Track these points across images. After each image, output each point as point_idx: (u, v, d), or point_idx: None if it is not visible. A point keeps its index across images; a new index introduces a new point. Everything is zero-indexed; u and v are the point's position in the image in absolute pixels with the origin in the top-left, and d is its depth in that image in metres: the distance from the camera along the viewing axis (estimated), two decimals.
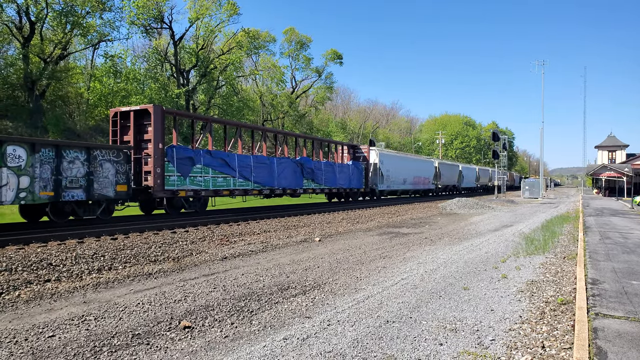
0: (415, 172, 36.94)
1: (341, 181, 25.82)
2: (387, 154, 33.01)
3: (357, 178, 27.86)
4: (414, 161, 38.36)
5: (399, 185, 33.85)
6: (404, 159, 35.78)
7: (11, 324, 5.02)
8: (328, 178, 24.45)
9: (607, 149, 68.23)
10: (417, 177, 37.66)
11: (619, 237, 12.15)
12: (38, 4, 29.84)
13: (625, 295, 5.96)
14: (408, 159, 37.17)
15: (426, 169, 40.20)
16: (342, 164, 26.54)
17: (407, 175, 35.06)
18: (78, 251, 9.20)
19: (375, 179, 29.93)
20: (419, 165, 38.69)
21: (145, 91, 37.65)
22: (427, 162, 41.43)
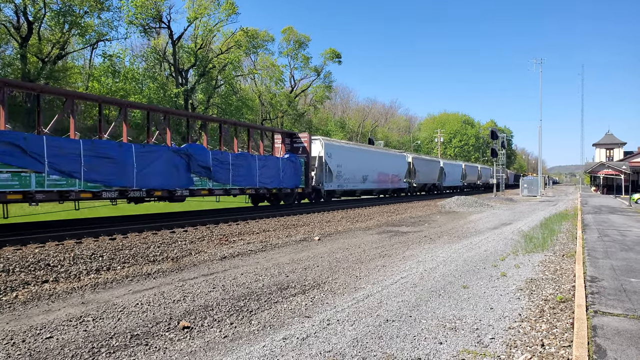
0: (380, 168, 30.70)
1: (265, 179, 19.11)
2: (337, 145, 26.58)
3: (291, 175, 20.95)
4: (377, 155, 31.26)
5: (356, 184, 27.65)
6: (362, 152, 29.38)
7: (9, 325, 5.00)
8: (241, 175, 17.72)
9: (605, 146, 68.34)
10: (384, 174, 31.29)
11: (617, 235, 12.15)
12: (36, 4, 29.76)
13: (624, 292, 5.95)
14: (369, 152, 30.35)
15: (396, 164, 33.86)
16: (267, 157, 19.82)
17: (368, 171, 28.73)
18: (76, 252, 9.18)
19: (321, 176, 23.65)
20: (385, 161, 32.24)
21: (144, 91, 37.58)
22: (397, 157, 34.93)
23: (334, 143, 26.61)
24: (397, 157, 35.06)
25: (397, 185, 34.18)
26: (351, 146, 29.74)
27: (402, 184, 35.07)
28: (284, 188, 20.79)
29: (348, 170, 26.23)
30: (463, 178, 53.32)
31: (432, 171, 41.98)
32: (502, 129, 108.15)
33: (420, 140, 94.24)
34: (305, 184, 22.36)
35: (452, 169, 48.76)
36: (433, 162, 43.55)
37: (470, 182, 58.03)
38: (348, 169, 26.20)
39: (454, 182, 48.98)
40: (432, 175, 42.17)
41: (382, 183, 31.27)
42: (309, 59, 57.03)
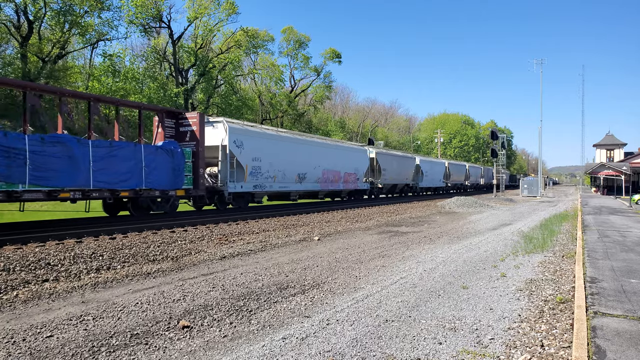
0: (327, 164, 24.10)
1: (107, 176, 13.00)
2: (252, 131, 19.26)
3: (165, 171, 14.82)
4: (322, 148, 24.41)
5: (287, 184, 21.23)
6: (296, 143, 22.19)
7: (9, 324, 5.01)
8: (51, 170, 11.63)
9: (606, 147, 68.36)
10: (332, 171, 24.70)
11: (617, 236, 12.16)
12: (36, 3, 29.76)
13: (624, 293, 5.96)
14: (307, 144, 23.26)
15: (353, 161, 27.34)
16: (114, 144, 13.43)
17: (306, 168, 22.37)
18: (76, 251, 9.18)
19: (225, 174, 17.34)
20: (335, 155, 25.13)
21: (144, 90, 37.57)
22: (354, 152, 28.21)
23: (248, 128, 19.36)
24: (353, 152, 28.05)
25: (355, 185, 27.66)
26: (276, 134, 21.53)
27: (361, 185, 28.70)
28: (150, 190, 14.41)
29: (272, 166, 19.77)
30: (446, 178, 47.44)
31: (404, 169, 36.05)
32: (502, 129, 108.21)
33: (420, 141, 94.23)
34: (194, 184, 15.84)
35: (432, 167, 43.03)
36: (405, 158, 37.36)
37: (456, 183, 52.04)
38: (272, 165, 19.76)
39: (434, 182, 43.17)
40: (405, 174, 36.45)
41: (330, 183, 24.65)
42: (309, 59, 57.02)
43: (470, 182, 56.43)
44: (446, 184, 47.22)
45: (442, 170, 45.74)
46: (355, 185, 28.06)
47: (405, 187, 37.96)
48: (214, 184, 17.66)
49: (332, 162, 24.92)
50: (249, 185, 18.81)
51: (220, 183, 17.51)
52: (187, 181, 15.70)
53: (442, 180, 45.57)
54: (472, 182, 57.81)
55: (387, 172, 32.69)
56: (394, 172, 33.82)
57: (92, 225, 13.22)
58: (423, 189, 41.74)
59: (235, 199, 18.70)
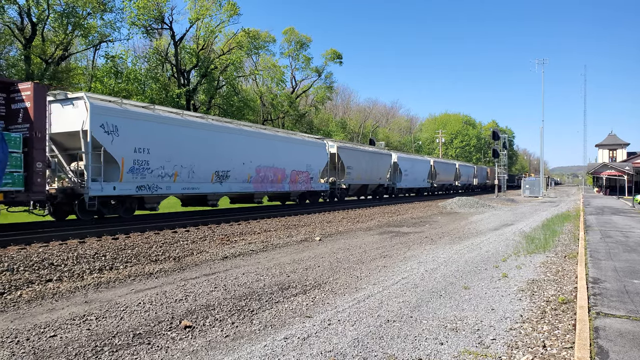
0: (263, 159, 19.22)
1: None
2: (132, 111, 14.27)
3: None
4: (254, 138, 19.09)
5: (196, 184, 16.08)
6: (212, 131, 16.98)
7: (13, 323, 5.03)
8: None
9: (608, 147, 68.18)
10: (272, 169, 19.78)
11: (620, 236, 12.13)
12: (39, 5, 29.87)
13: (627, 294, 5.95)
14: (230, 133, 17.83)
15: (302, 156, 22.21)
16: None
17: (226, 164, 17.34)
18: (79, 251, 9.22)
19: (93, 169, 12.79)
20: (276, 149, 20.34)
21: (146, 91, 37.67)
22: (304, 145, 22.87)
23: (128, 108, 14.15)
24: (305, 145, 23.06)
25: (307, 186, 22.71)
26: (178, 117, 15.75)
27: (318, 185, 23.87)
28: None
29: (170, 161, 14.81)
30: (432, 177, 42.97)
31: (376, 167, 30.95)
32: (504, 129, 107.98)
33: (422, 141, 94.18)
34: (26, 184, 11.12)
35: (413, 166, 38.27)
36: (378, 155, 31.92)
37: (444, 183, 47.13)
38: (171, 158, 14.81)
39: (416, 182, 38.82)
40: (378, 173, 31.29)
41: (268, 184, 19.55)
42: (310, 60, 57.06)
43: (460, 182, 51.75)
44: (431, 185, 42.92)
45: (426, 169, 41.17)
46: (308, 185, 22.92)
47: (378, 188, 32.50)
48: (80, 184, 12.90)
49: (272, 158, 19.95)
50: (129, 186, 13.68)
51: (78, 181, 12.97)
52: (12, 180, 10.82)
53: (427, 180, 41.33)
54: (463, 183, 53.17)
55: (354, 171, 27.54)
56: (362, 170, 28.61)
57: (95, 225, 13.26)
58: (402, 189, 36.97)
59: (106, 205, 13.86)
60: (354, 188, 29.00)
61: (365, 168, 29.13)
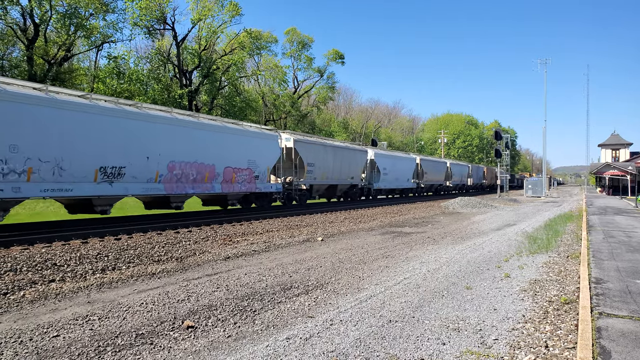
0: (180, 152, 15.37)
1: None
2: None
3: None
4: (164, 123, 15.03)
5: (66, 184, 12.02)
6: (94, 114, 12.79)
7: (16, 323, 5.06)
8: None
9: (611, 147, 68.00)
10: (194, 165, 15.92)
11: (623, 236, 12.10)
12: (42, 6, 29.99)
13: (630, 294, 5.94)
14: (125, 117, 13.68)
15: (244, 150, 18.28)
16: None
17: (119, 158, 13.43)
18: (82, 251, 9.24)
19: None
20: (203, 140, 16.43)
21: (149, 92, 37.76)
22: (246, 137, 18.56)
23: None
24: (247, 137, 18.58)
25: (250, 187, 18.58)
26: (34, 93, 11.54)
27: (265, 186, 19.62)
28: None
29: (19, 152, 11.00)
30: (418, 177, 38.85)
31: (347, 165, 26.66)
32: (506, 129, 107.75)
33: (424, 141, 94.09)
34: None
35: (395, 165, 33.52)
36: (349, 151, 27.30)
37: (432, 183, 42.83)
38: (20, 149, 11.01)
39: (399, 182, 34.60)
40: (349, 172, 27.04)
41: (188, 184, 15.60)
42: (312, 60, 57.13)
43: (452, 182, 47.20)
44: (417, 185, 38.99)
45: (410, 168, 36.97)
46: (252, 186, 18.69)
47: (351, 189, 28.48)
48: None
49: (194, 151, 15.67)
50: None
51: None
52: None
53: (412, 180, 37.38)
54: (455, 183, 48.48)
55: (317, 169, 23.37)
56: (328, 168, 24.56)
57: (97, 226, 13.29)
58: (382, 190, 32.85)
59: None
60: (318, 189, 24.84)
61: (332, 166, 24.94)
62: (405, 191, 37.66)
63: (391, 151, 39.20)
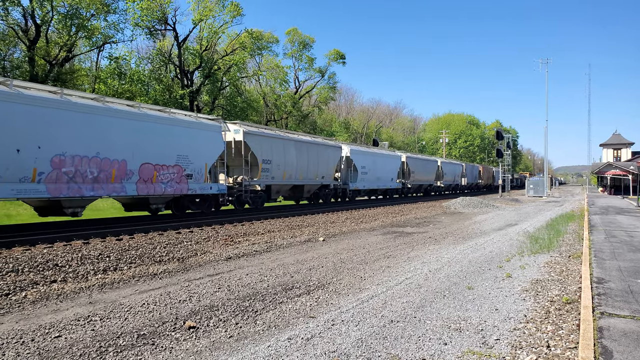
0: (74, 143, 12.06)
1: None
2: None
3: None
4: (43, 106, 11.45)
5: None
6: None
7: (18, 324, 5.07)
8: None
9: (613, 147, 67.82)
10: (95, 160, 12.63)
11: (624, 236, 12.07)
12: (43, 7, 30.04)
13: (631, 294, 5.92)
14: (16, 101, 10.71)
15: (171, 141, 15.24)
16: None
17: None
18: (84, 252, 9.26)
19: None
20: (100, 126, 12.84)
21: (150, 92, 37.81)
22: (174, 126, 15.41)
23: None
24: (175, 127, 15.44)
25: (181, 187, 15.53)
26: None
27: (204, 187, 16.50)
28: None
29: None
30: (404, 177, 35.60)
31: (315, 163, 23.33)
32: (508, 129, 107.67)
33: (425, 141, 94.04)
34: None
35: (375, 162, 29.90)
36: (317, 146, 23.82)
37: (421, 183, 39.60)
38: None
39: (380, 182, 30.86)
40: (317, 171, 23.54)
41: (87, 185, 12.42)
42: (313, 60, 57.10)
43: (444, 182, 44.35)
44: (403, 185, 35.45)
45: (394, 167, 33.15)
46: (182, 187, 15.53)
47: (321, 189, 24.93)
48: None
49: (96, 143, 12.70)
50: None
51: None
52: None
53: (396, 179, 33.64)
54: (447, 183, 45.57)
55: (275, 167, 20.13)
56: (290, 166, 21.29)
57: (99, 226, 13.32)
58: (360, 191, 29.43)
59: None
60: (279, 190, 21.47)
61: (295, 164, 21.68)
62: (389, 192, 33.62)
63: (371, 148, 34.22)
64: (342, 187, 27.13)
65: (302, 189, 23.19)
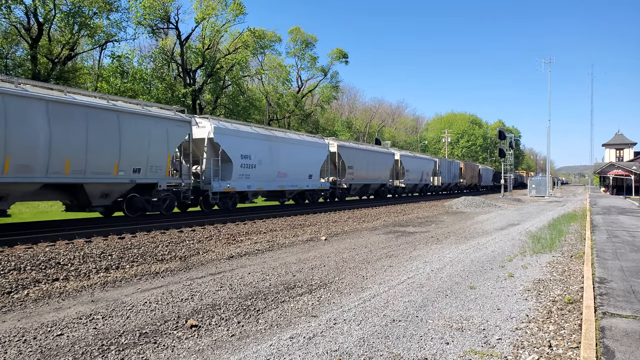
0: None
1: None
2: None
3: None
4: None
5: None
6: None
7: (20, 322, 5.08)
8: None
9: (615, 147, 67.60)
10: None
11: (627, 236, 12.04)
12: (46, 5, 30.07)
13: (633, 294, 5.91)
14: None
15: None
16: None
17: None
18: (86, 250, 9.28)
19: None
20: None
21: (152, 91, 37.84)
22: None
23: None
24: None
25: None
26: None
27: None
28: None
29: None
30: (337, 174, 25.94)
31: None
32: (510, 129, 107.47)
33: (428, 141, 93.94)
34: None
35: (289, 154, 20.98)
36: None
37: (369, 182, 29.48)
38: None
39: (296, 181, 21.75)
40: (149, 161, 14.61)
41: None
42: (316, 59, 57.05)
43: (405, 181, 34.22)
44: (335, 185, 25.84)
45: (318, 162, 23.68)
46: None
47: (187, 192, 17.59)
48: None
49: None
50: None
51: None
52: None
53: (324, 179, 24.84)
54: (410, 182, 35.45)
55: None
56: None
57: (101, 225, 13.34)
58: (249, 193, 19.53)
59: None
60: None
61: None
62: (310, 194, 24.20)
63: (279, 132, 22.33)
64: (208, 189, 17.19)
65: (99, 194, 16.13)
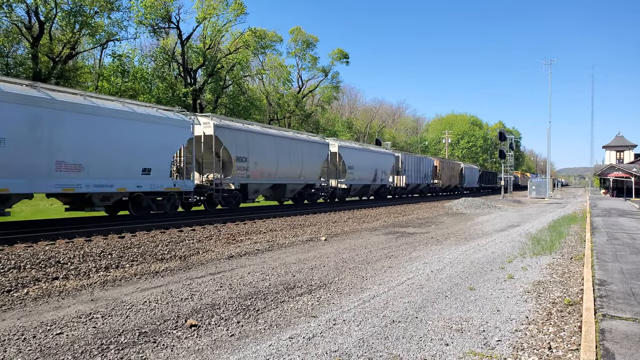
0: None
1: None
2: None
3: None
4: None
5: None
6: None
7: (19, 321, 5.08)
8: None
9: (615, 149, 67.64)
10: None
11: (627, 238, 12.03)
12: (47, 4, 30.10)
13: (633, 296, 5.90)
14: None
15: None
16: None
17: None
18: (86, 249, 9.28)
19: None
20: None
21: (153, 90, 37.86)
22: None
23: None
24: None
25: None
26: None
27: None
28: None
29: None
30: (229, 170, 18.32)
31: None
32: (511, 130, 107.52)
33: (428, 141, 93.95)
34: None
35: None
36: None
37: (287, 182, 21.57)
38: None
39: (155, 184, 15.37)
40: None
41: None
42: (317, 60, 57.13)
43: (347, 181, 26.58)
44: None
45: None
46: None
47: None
48: None
49: None
50: None
51: None
52: None
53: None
54: (356, 183, 27.74)
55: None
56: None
57: (101, 224, 13.34)
58: None
59: None
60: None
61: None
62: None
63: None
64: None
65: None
